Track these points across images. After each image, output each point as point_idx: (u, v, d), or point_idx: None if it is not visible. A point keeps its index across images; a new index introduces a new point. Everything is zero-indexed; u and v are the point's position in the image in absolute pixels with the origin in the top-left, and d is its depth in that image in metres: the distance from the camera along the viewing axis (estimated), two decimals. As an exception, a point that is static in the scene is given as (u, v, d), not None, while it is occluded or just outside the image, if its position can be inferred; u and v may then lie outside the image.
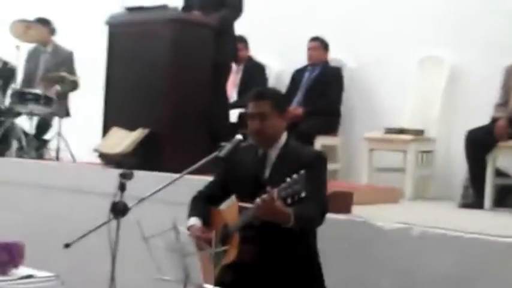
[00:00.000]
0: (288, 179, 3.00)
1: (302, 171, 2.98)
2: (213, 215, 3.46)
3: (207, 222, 3.44)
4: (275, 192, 2.99)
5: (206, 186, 3.64)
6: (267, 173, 3.35)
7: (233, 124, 6.44)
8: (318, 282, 3.35)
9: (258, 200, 3.05)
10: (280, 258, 3.25)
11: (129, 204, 3.35)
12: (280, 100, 3.46)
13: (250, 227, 3.21)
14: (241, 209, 3.28)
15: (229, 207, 3.35)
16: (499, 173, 5.66)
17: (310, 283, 3.31)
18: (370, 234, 4.15)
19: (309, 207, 3.14)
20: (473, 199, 5.56)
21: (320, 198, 3.24)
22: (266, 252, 3.24)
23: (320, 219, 3.27)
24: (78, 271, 5.08)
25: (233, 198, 3.34)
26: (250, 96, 3.45)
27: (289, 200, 3.01)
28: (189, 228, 3.39)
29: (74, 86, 7.51)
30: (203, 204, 3.52)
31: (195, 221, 3.43)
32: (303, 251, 3.31)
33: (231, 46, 6.10)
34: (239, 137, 3.61)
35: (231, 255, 3.23)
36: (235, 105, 6.88)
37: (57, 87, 7.29)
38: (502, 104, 5.66)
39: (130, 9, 5.94)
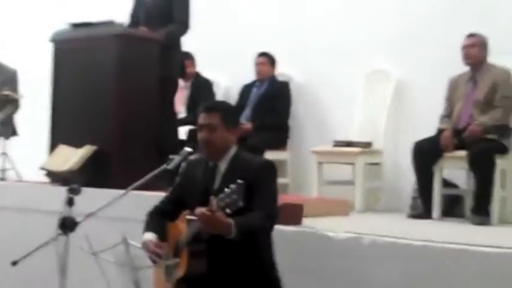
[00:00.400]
0: (226, 189, 3.01)
1: (240, 181, 2.99)
2: (169, 229, 3.43)
3: (162, 237, 3.40)
4: (214, 203, 2.99)
5: (161, 201, 3.61)
6: (216, 184, 3.34)
7: (182, 141, 6.41)
8: None
9: (198, 211, 3.04)
10: (230, 270, 3.24)
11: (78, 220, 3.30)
12: (230, 114, 3.47)
13: (200, 241, 3.20)
14: (189, 222, 3.25)
15: (180, 221, 3.33)
16: (446, 184, 5.75)
17: None
18: (321, 244, 4.17)
19: (253, 216, 3.14)
20: (421, 209, 5.63)
21: (267, 207, 3.23)
22: (216, 265, 3.22)
23: (265, 228, 3.25)
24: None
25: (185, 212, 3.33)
26: (201, 107, 3.45)
27: (227, 210, 3.00)
28: (144, 243, 3.34)
29: (17, 105, 7.41)
30: (159, 219, 3.49)
31: (149, 235, 3.39)
32: (254, 264, 3.28)
33: (178, 61, 6.08)
34: (188, 149, 3.60)
35: (181, 269, 3.21)
36: (184, 122, 6.85)
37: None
38: (447, 116, 5.76)
39: (76, 25, 5.88)
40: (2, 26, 8.65)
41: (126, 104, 5.57)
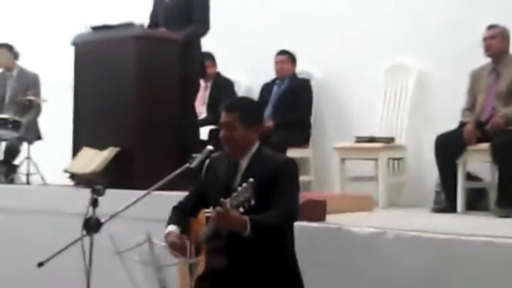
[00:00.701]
0: (239, 188, 3.02)
1: (251, 180, 3.00)
2: (192, 226, 3.45)
3: (185, 231, 3.44)
4: (227, 202, 3.01)
5: (185, 197, 3.64)
6: (237, 181, 3.34)
7: (203, 141, 6.42)
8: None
9: (213, 211, 3.07)
10: (249, 267, 3.24)
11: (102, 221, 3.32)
12: (249, 111, 3.45)
13: (219, 237, 3.21)
14: (208, 220, 3.28)
15: (200, 218, 3.35)
16: (469, 177, 5.71)
17: None
18: (346, 240, 4.16)
19: (269, 215, 3.14)
20: (445, 204, 5.60)
21: (285, 205, 3.22)
22: (234, 262, 3.24)
23: (282, 226, 3.24)
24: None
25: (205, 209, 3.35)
26: (222, 106, 3.46)
27: (241, 209, 3.02)
28: (166, 235, 3.36)
29: (39, 109, 7.50)
30: (182, 214, 3.52)
31: (172, 228, 3.42)
32: (273, 260, 3.28)
33: (198, 61, 6.10)
34: (210, 147, 3.61)
35: (201, 266, 3.23)
36: (205, 122, 6.87)
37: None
38: (469, 109, 5.72)
39: (96, 28, 5.92)
40: (23, 31, 8.72)
41: (147, 105, 5.60)
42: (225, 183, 3.37)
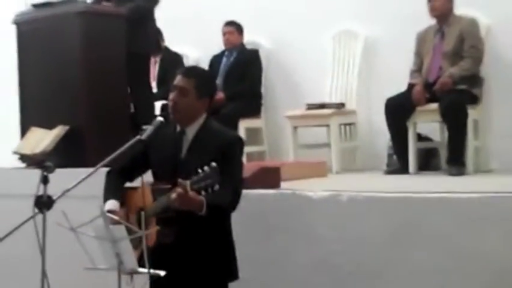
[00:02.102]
0: (200, 171, 3.01)
1: (214, 164, 3.00)
2: (128, 195, 3.42)
3: (121, 201, 3.41)
4: (187, 185, 3.01)
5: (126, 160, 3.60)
6: (183, 152, 3.33)
7: (155, 116, 6.36)
8: (230, 258, 3.37)
9: (172, 194, 3.07)
10: (198, 238, 3.27)
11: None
12: (204, 83, 3.41)
13: (169, 210, 3.20)
14: (154, 191, 3.27)
15: (143, 190, 3.32)
16: (420, 138, 5.79)
17: (223, 260, 3.32)
18: (300, 204, 4.19)
19: (221, 195, 3.14)
20: (397, 165, 5.67)
21: (233, 185, 3.23)
22: (184, 233, 3.24)
23: (232, 204, 3.27)
24: (8, 271, 4.96)
25: (145, 180, 3.34)
26: (180, 69, 3.45)
27: (202, 192, 3.04)
28: (103, 213, 3.33)
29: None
30: (118, 181, 3.48)
31: (111, 204, 3.38)
32: (218, 231, 3.32)
33: (149, 36, 6.00)
34: (160, 118, 3.57)
35: (151, 238, 3.22)
36: (156, 97, 6.80)
37: None
38: (417, 70, 5.78)
39: (37, 6, 5.78)
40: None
41: (95, 82, 5.50)
42: (170, 152, 3.35)
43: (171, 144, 3.38)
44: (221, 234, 3.33)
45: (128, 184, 3.57)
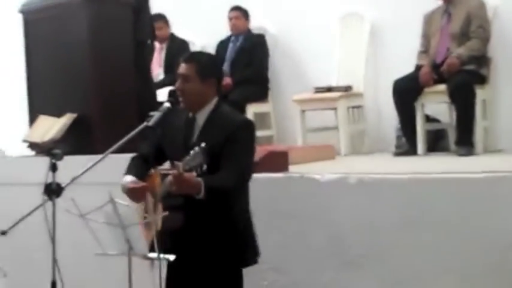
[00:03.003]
0: (191, 152, 3.03)
1: (202, 144, 3.02)
2: (146, 180, 3.44)
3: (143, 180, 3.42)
4: (180, 166, 3.02)
5: (144, 147, 3.61)
6: (194, 137, 3.34)
7: (162, 103, 6.36)
8: (243, 243, 3.35)
9: (169, 176, 3.09)
10: (206, 223, 3.25)
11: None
12: (205, 66, 3.41)
13: (176, 195, 3.20)
14: (163, 176, 3.28)
15: (155, 174, 3.33)
16: (428, 119, 5.77)
17: (234, 245, 3.30)
18: (309, 188, 4.19)
19: (222, 177, 3.15)
20: (406, 147, 5.66)
21: (238, 168, 3.22)
22: (193, 218, 3.24)
23: (234, 187, 3.25)
24: (19, 259, 4.99)
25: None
26: (182, 57, 3.45)
27: (194, 173, 3.04)
28: (122, 185, 3.35)
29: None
30: (142, 164, 3.48)
31: (129, 178, 3.40)
32: (228, 216, 3.29)
33: (148, 24, 6.01)
34: (167, 105, 3.58)
35: (158, 222, 3.23)
36: (162, 84, 6.82)
37: None
38: (424, 51, 5.76)
39: (43, -6, 5.80)
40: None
41: (103, 70, 5.52)
42: (182, 138, 3.36)
43: (182, 130, 3.39)
44: (231, 219, 3.30)
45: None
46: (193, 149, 3.06)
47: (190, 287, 3.31)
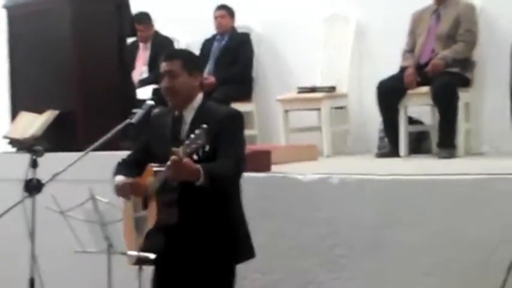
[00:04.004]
0: (191, 135, 3.01)
1: (204, 125, 2.99)
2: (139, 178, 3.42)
3: None
4: (180, 150, 2.99)
5: (129, 154, 3.58)
6: (183, 134, 3.31)
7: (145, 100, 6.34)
8: (237, 239, 3.34)
9: (168, 162, 3.04)
10: (201, 219, 3.24)
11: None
12: (190, 60, 3.42)
13: (172, 191, 3.19)
14: (156, 173, 3.24)
15: (146, 172, 3.31)
16: (411, 121, 5.78)
17: (228, 241, 3.29)
18: (291, 187, 4.19)
19: (220, 165, 3.14)
20: (389, 148, 5.66)
21: (234, 156, 3.22)
22: (188, 214, 3.21)
23: (232, 177, 3.25)
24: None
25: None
26: (162, 56, 3.41)
27: (195, 156, 3.01)
28: (116, 185, 3.32)
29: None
30: (128, 168, 3.45)
31: (120, 177, 3.38)
32: (223, 212, 3.28)
33: (128, 19, 5.98)
34: (150, 102, 3.57)
35: (151, 220, 3.20)
36: (146, 82, 6.80)
37: None
38: (409, 51, 5.74)
39: (27, -10, 5.77)
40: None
41: (86, 66, 5.50)
42: (171, 137, 3.33)
43: (171, 129, 3.37)
44: (226, 216, 3.29)
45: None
46: (183, 144, 3.04)
47: (182, 282, 3.27)
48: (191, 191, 3.12)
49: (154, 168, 3.24)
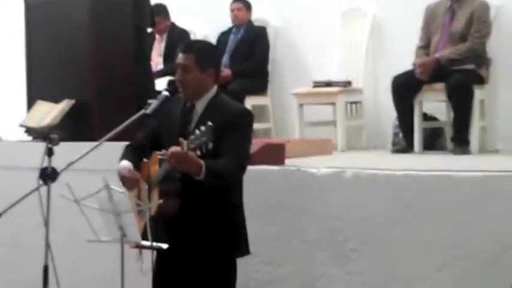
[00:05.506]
0: (197, 131, 3.03)
1: (210, 123, 3.01)
2: (143, 167, 3.44)
3: (137, 169, 3.43)
4: (184, 143, 3.01)
5: (139, 136, 3.61)
6: (192, 125, 3.33)
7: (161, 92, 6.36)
8: (237, 233, 3.36)
9: (167, 152, 3.08)
10: (202, 210, 3.26)
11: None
12: (206, 55, 3.41)
13: (174, 181, 3.22)
14: (161, 162, 3.27)
15: (152, 159, 3.34)
16: (426, 117, 5.77)
17: (228, 234, 3.31)
18: (304, 181, 4.19)
19: (223, 163, 3.16)
20: (403, 144, 5.66)
21: (237, 156, 3.23)
22: (188, 205, 3.24)
23: (234, 175, 3.26)
24: (12, 243, 5.00)
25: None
26: (180, 46, 3.44)
27: (198, 152, 3.03)
28: (119, 170, 3.36)
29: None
30: (136, 152, 3.49)
31: (124, 162, 3.41)
32: (224, 204, 3.30)
33: (148, 11, 6.00)
34: (165, 93, 3.58)
35: (153, 208, 3.23)
36: (162, 73, 6.82)
37: None
38: (422, 47, 5.73)
39: (45, -20, 5.79)
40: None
41: (102, 56, 5.50)
42: (180, 126, 3.36)
43: (180, 117, 3.39)
44: (227, 208, 3.31)
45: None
46: (189, 136, 3.06)
47: (182, 274, 3.30)
48: (193, 184, 3.14)
49: (159, 156, 3.27)
